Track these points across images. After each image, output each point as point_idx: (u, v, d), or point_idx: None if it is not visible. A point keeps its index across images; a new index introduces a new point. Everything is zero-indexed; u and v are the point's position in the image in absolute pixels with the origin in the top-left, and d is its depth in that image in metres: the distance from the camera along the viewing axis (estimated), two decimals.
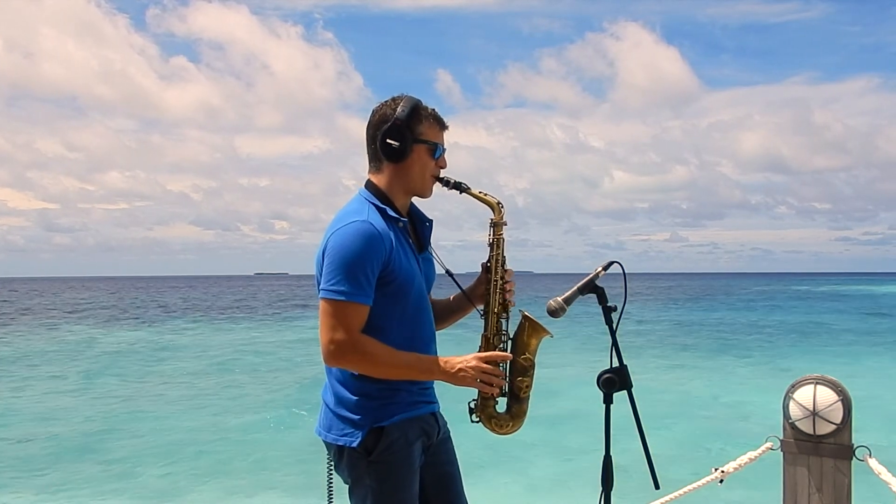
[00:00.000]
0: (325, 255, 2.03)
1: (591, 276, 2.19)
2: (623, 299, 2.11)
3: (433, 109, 2.15)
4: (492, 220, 2.22)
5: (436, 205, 2.26)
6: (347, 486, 2.11)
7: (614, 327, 2.16)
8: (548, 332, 2.16)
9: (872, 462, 3.09)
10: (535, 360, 2.17)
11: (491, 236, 2.22)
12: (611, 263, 2.22)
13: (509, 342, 2.19)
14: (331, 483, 2.23)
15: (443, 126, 2.18)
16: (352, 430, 2.04)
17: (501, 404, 2.18)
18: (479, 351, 2.15)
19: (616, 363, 2.15)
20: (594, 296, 2.19)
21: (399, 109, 2.09)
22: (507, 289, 2.20)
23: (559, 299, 2.15)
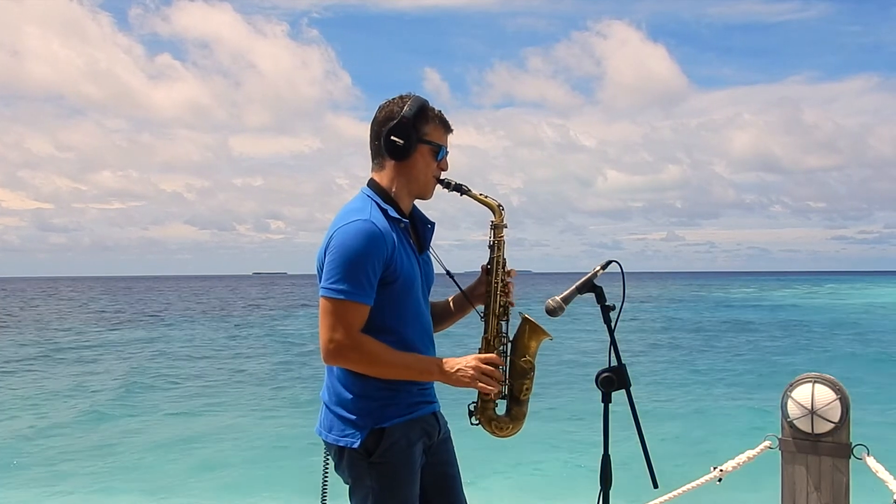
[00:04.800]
0: (327, 253, 2.02)
1: (589, 275, 2.19)
2: (622, 298, 2.11)
3: (439, 111, 2.15)
4: (492, 222, 2.21)
5: (432, 204, 2.26)
6: (348, 486, 2.11)
7: (613, 326, 2.16)
8: (548, 335, 2.15)
9: (870, 460, 3.09)
10: (535, 363, 2.17)
11: (491, 238, 2.22)
12: (609, 262, 2.21)
13: (509, 344, 2.19)
14: (325, 482, 2.22)
15: (448, 129, 2.19)
16: (352, 430, 2.04)
17: (501, 407, 2.18)
18: (480, 353, 2.15)
19: (614, 362, 2.15)
20: (593, 295, 2.19)
21: (406, 108, 2.09)
22: (508, 291, 2.20)
23: (558, 298, 2.14)
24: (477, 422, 2.17)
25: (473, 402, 2.17)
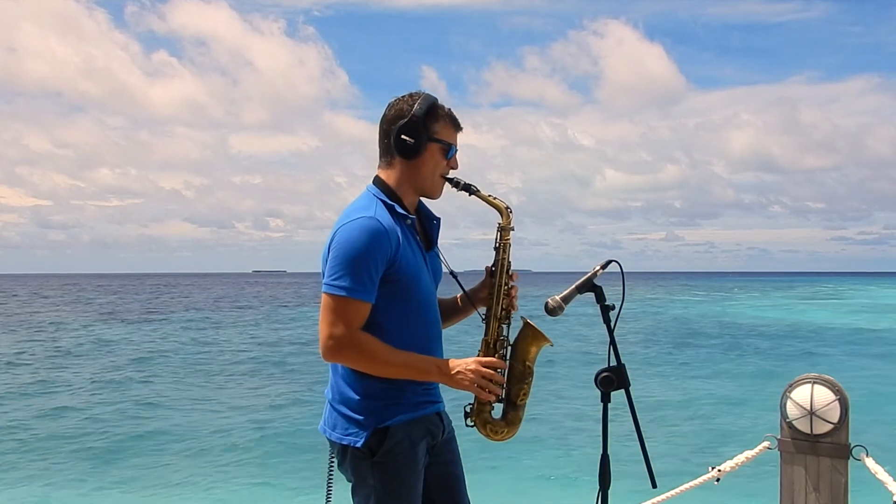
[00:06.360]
0: (331, 250, 2.02)
1: (589, 274, 2.18)
2: (621, 298, 2.11)
3: (449, 109, 2.15)
4: (499, 224, 2.19)
5: (431, 202, 2.27)
6: (351, 485, 2.10)
7: (612, 326, 2.16)
8: (548, 341, 2.14)
9: (869, 461, 3.10)
10: (534, 368, 2.16)
11: (497, 240, 2.20)
12: (609, 262, 2.21)
13: (509, 348, 2.17)
14: (330, 480, 2.22)
15: (457, 127, 2.18)
16: (356, 429, 2.03)
17: (497, 410, 2.16)
18: (480, 355, 2.14)
19: (614, 362, 2.15)
20: (592, 294, 2.18)
21: (416, 106, 2.08)
22: (512, 294, 2.19)
23: (557, 298, 2.14)
24: (472, 424, 2.15)
25: (470, 404, 2.15)
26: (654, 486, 2.15)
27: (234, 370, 17.50)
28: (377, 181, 2.15)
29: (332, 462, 2.17)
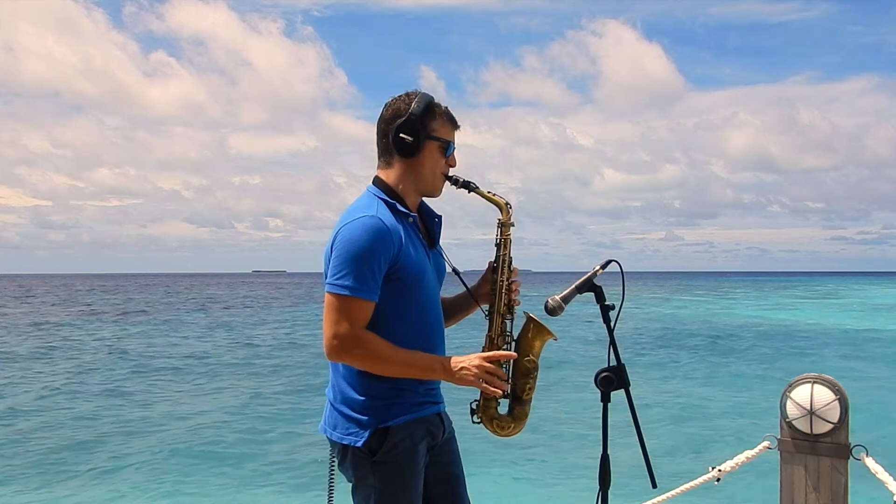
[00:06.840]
0: (333, 249, 2.02)
1: (589, 274, 2.18)
2: (621, 298, 2.11)
3: (446, 107, 2.16)
4: (499, 220, 2.20)
5: (431, 201, 2.27)
6: (351, 485, 2.10)
7: (612, 326, 2.16)
8: (552, 335, 2.15)
9: (869, 461, 3.10)
10: (539, 362, 2.17)
11: (498, 236, 2.21)
12: (609, 262, 2.21)
13: (513, 343, 2.18)
14: (332, 480, 2.22)
15: (455, 125, 2.19)
16: (357, 429, 2.04)
17: (503, 406, 2.17)
18: (483, 351, 2.14)
19: (614, 362, 2.15)
20: (592, 294, 2.18)
21: (413, 105, 2.09)
22: (514, 289, 2.20)
23: (557, 297, 2.14)
24: (478, 420, 2.16)
25: (476, 401, 2.17)
26: (654, 486, 2.15)
27: (208, 371, 17.31)
28: (377, 181, 2.15)
29: (333, 462, 2.17)
